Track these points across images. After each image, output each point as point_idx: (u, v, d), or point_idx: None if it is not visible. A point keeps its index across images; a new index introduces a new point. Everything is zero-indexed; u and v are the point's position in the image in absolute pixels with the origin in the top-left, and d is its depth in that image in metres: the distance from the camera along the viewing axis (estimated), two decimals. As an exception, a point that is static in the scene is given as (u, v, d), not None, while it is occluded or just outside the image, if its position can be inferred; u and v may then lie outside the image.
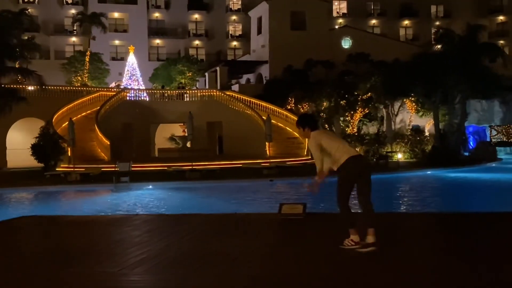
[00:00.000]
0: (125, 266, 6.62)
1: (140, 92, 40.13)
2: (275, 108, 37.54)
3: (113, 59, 55.79)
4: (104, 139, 31.64)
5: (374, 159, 32.42)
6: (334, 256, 7.07)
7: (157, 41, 61.48)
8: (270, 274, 6.17)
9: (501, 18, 66.54)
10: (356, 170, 7.18)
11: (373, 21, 64.65)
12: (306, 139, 7.33)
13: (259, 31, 51.63)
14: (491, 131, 43.30)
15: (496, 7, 66.67)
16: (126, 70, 44.64)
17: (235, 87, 46.86)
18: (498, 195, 18.45)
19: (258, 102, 37.89)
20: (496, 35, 65.11)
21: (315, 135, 7.28)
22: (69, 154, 28.86)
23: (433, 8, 66.91)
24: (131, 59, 44.57)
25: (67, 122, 29.26)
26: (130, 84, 42.88)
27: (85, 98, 36.51)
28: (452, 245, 7.68)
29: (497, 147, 38.19)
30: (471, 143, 40.67)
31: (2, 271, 6.69)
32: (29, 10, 37.41)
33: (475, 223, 9.64)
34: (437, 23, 64.51)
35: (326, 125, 39.85)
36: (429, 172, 26.78)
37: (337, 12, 63.94)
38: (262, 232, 9.14)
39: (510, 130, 42.75)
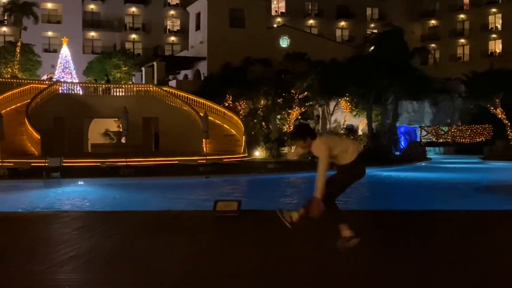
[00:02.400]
0: (53, 264, 6.43)
1: (73, 86, 38.99)
2: (213, 105, 37.43)
3: (46, 51, 54.05)
4: (34, 133, 30.61)
5: (309, 157, 32.90)
6: (268, 252, 7.10)
7: (92, 34, 60.00)
8: (202, 271, 6.14)
9: (433, 22, 69.08)
10: (360, 168, 7.08)
11: (311, 21, 65.61)
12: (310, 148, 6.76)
13: (198, 27, 51.31)
14: (421, 132, 44.87)
15: (428, 11, 69.15)
16: (59, 62, 43.26)
17: (173, 83, 46.38)
18: (427, 193, 19.11)
19: (195, 98, 37.66)
20: (428, 38, 67.59)
21: (324, 141, 6.89)
22: (-3, 148, 27.70)
23: (368, 11, 68.64)
24: (65, 51, 43.23)
25: (-5, 115, 28.10)
26: (63, 77, 41.59)
27: (15, 91, 35.15)
28: (374, 241, 7.88)
29: (426, 147, 39.61)
30: (402, 143, 41.99)
31: None
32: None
33: (403, 220, 9.95)
34: (372, 25, 66.28)
35: (264, 123, 40.11)
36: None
37: (276, 11, 64.47)
38: (196, 229, 9.09)
39: (439, 130, 44.44)
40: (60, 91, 36.89)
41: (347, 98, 38.51)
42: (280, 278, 5.84)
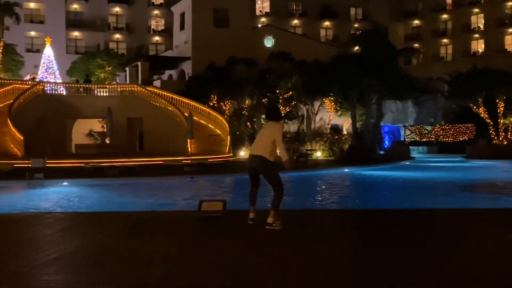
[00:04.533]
0: (35, 266, 6.39)
1: (56, 86, 38.67)
2: (197, 105, 37.34)
3: (29, 50, 53.60)
4: (17, 134, 30.32)
5: (294, 157, 33.00)
6: (253, 252, 7.12)
7: (76, 34, 59.58)
8: (186, 272, 6.14)
9: (416, 22, 69.63)
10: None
11: (295, 21, 65.76)
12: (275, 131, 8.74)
13: (182, 27, 51.18)
14: (405, 131, 45.20)
15: (411, 12, 69.69)
16: (42, 62, 42.89)
17: (157, 83, 46.19)
18: (410, 192, 19.24)
19: (180, 98, 37.55)
20: (411, 38, 68.11)
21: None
22: (-21, 149, 27.43)
23: (352, 11, 69.00)
24: (48, 51, 42.87)
25: (-24, 116, 27.82)
26: (46, 77, 41.24)
27: (-3, 91, 34.80)
28: (361, 239, 7.94)
29: (410, 146, 39.89)
30: (386, 142, 42.27)
31: None
32: None
33: (385, 219, 10.03)
34: (356, 25, 66.60)
35: (248, 123, 40.12)
36: (346, 170, 27.54)
37: (260, 11, 64.53)
38: (181, 230, 9.08)
39: (423, 130, 44.81)
40: (43, 92, 36.58)
41: (332, 98, 38.66)
42: (264, 277, 5.86)
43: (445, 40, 66.74)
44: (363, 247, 7.50)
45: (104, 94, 37.98)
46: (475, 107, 38.20)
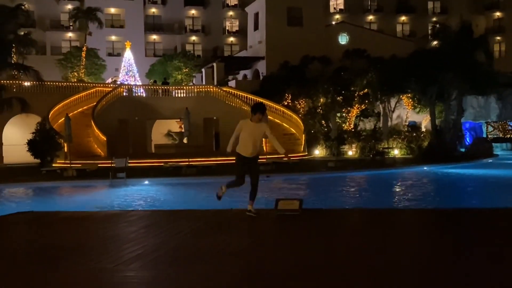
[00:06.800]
0: (120, 262, 6.61)
1: (136, 88, 40.04)
2: (272, 104, 37.50)
3: (110, 54, 55.65)
4: (100, 135, 31.59)
5: (371, 155, 32.47)
6: (331, 251, 7.08)
7: (154, 37, 61.35)
8: (262, 270, 6.18)
9: (497, 14, 66.62)
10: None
11: (370, 17, 64.63)
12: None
13: (256, 27, 51.55)
14: (487, 127, 43.42)
15: (492, 3, 66.75)
16: (122, 65, 44.56)
17: (232, 83, 46.80)
18: (494, 191, 18.49)
19: (254, 98, 37.82)
20: (493, 31, 65.22)
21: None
22: (66, 150, 28.81)
23: (429, 4, 66.95)
24: (128, 55, 44.48)
25: (63, 118, 29.22)
26: (127, 80, 42.80)
27: (81, 94, 36.40)
28: (447, 240, 7.70)
29: (493, 143, 38.30)
30: (467, 139, 40.76)
31: (-3, 267, 6.69)
32: (25, 5, 37.15)
33: (470, 219, 9.67)
34: (434, 19, 64.52)
35: (323, 121, 39.86)
36: (425, 168, 26.82)
37: (334, 8, 63.89)
38: (257, 228, 9.15)
39: (506, 126, 42.87)
40: (124, 94, 37.97)
41: (409, 95, 37.72)
42: (341, 274, 5.81)
43: (529, 32, 63.52)
44: (468, 246, 7.27)
45: (182, 95, 38.91)
46: None
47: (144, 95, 39.35)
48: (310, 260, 6.57)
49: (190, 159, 26.34)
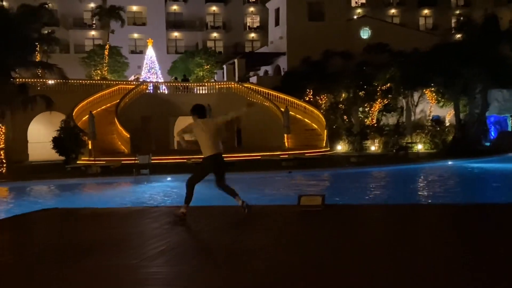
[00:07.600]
0: (145, 258, 6.67)
1: (159, 85, 40.29)
2: (293, 100, 37.41)
3: (132, 52, 56.03)
4: (124, 132, 31.86)
5: (394, 150, 32.21)
6: (354, 247, 7.05)
7: (175, 34, 61.60)
8: (285, 266, 6.18)
9: (522, 6, 65.38)
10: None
11: (392, 11, 64.01)
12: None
13: (277, 23, 51.42)
14: (512, 121, 42.68)
15: (517, -5, 65.52)
16: (145, 63, 44.82)
17: (253, 79, 46.78)
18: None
19: (276, 94, 37.80)
20: (518, 24, 64.07)
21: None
22: (90, 147, 29.15)
23: (453, -3, 66.05)
24: (150, 52, 44.72)
25: (87, 116, 29.54)
26: (149, 77, 43.05)
27: (104, 92, 36.74)
28: (467, 237, 7.61)
29: (519, 137, 37.63)
30: (492, 133, 40.16)
31: (22, 262, 6.80)
32: (48, 4, 37.59)
33: (497, 214, 9.53)
34: (457, 12, 63.62)
35: (345, 117, 39.66)
36: (450, 163, 26.53)
37: (356, 2, 63.42)
38: (280, 224, 9.15)
39: (532, 119, 42.09)
40: (147, 91, 38.23)
41: (432, 89, 37.30)
42: (363, 273, 5.78)
43: (556, 23, 62.21)
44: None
45: (203, 92, 39.04)
46: None
47: (166, 92, 39.56)
48: (332, 256, 6.54)
49: (212, 156, 26.36)
